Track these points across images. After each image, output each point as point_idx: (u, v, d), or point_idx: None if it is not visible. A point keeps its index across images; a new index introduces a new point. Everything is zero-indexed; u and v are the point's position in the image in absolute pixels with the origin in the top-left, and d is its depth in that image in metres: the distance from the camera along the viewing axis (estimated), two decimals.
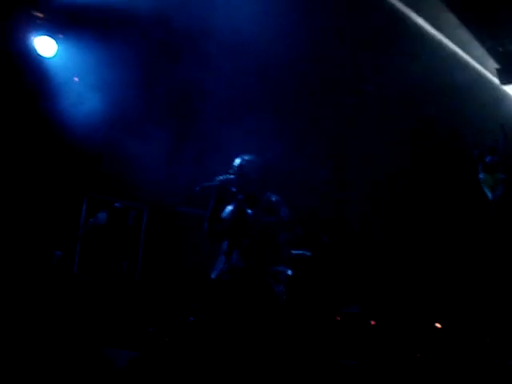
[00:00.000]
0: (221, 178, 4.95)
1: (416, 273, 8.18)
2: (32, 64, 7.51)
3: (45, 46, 7.46)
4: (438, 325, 7.70)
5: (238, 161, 5.03)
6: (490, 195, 7.89)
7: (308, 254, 7.27)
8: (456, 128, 7.89)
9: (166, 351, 6.31)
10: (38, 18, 7.37)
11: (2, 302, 6.69)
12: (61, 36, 7.56)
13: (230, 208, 5.08)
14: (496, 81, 8.25)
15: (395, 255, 8.31)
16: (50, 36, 7.45)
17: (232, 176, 4.94)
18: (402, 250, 8.31)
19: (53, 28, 7.45)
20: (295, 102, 8.45)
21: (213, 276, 5.08)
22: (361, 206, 8.45)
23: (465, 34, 7.75)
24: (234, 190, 4.98)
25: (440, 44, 7.84)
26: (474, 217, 8.01)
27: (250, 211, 4.96)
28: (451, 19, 7.48)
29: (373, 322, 7.59)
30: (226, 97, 7.89)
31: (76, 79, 7.82)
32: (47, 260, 7.25)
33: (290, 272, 5.04)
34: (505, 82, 8.20)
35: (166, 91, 8.11)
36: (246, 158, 5.06)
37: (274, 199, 4.96)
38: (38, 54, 7.48)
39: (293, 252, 6.71)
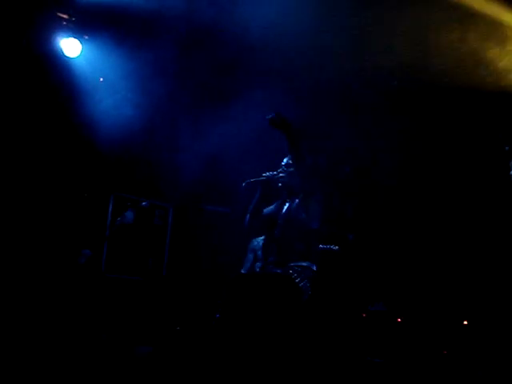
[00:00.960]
0: (267, 174, 5.06)
1: (443, 269, 8.13)
2: (58, 65, 7.59)
3: (70, 46, 7.52)
4: (464, 322, 7.67)
5: (285, 159, 5.16)
6: None
7: (335, 248, 7.27)
8: (486, 123, 7.78)
9: (192, 348, 6.38)
10: (63, 19, 7.44)
11: (33, 300, 6.80)
12: (86, 37, 7.62)
13: (272, 205, 5.19)
14: None
15: (422, 252, 8.26)
16: (74, 37, 7.51)
17: (280, 173, 5.05)
18: (429, 246, 8.25)
19: (78, 29, 7.52)
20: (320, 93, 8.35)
21: (243, 271, 5.15)
22: (387, 201, 8.38)
23: None
24: (279, 186, 5.10)
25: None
26: (503, 213, 7.91)
27: (285, 208, 5.06)
28: None
29: (399, 320, 7.58)
30: (258, 92, 7.80)
31: (101, 80, 7.89)
32: (76, 259, 7.34)
33: (314, 268, 5.05)
34: None
35: (192, 90, 8.13)
36: None
37: (308, 195, 5.05)
38: (64, 55, 7.56)
39: (319, 246, 6.73)
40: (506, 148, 7.82)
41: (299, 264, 4.96)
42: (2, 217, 7.09)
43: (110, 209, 8.18)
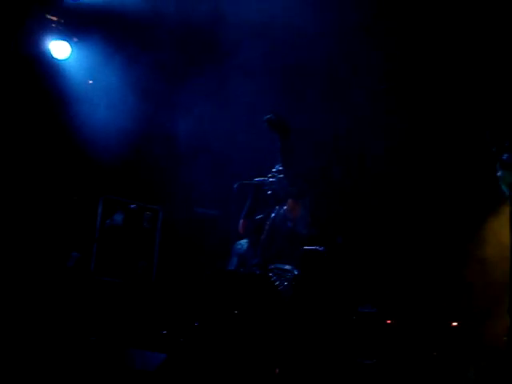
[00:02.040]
0: (259, 179, 5.11)
1: (432, 271, 8.13)
2: (47, 67, 7.60)
3: (59, 49, 7.53)
4: (453, 323, 7.66)
5: (276, 166, 5.21)
6: (507, 192, 7.75)
7: (320, 249, 7.28)
8: (474, 125, 7.80)
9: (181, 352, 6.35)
10: (52, 21, 7.44)
11: (21, 304, 6.78)
12: (75, 39, 7.63)
13: (262, 212, 5.24)
14: None
15: (411, 254, 8.26)
16: (64, 39, 7.52)
17: (270, 179, 5.09)
18: (418, 248, 8.26)
19: (67, 31, 7.53)
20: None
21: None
22: (376, 204, 8.39)
23: None
24: (269, 192, 5.14)
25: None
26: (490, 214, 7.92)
27: (273, 213, 5.10)
28: None
29: (388, 321, 7.57)
30: (248, 103, 7.79)
31: (90, 82, 7.88)
32: (65, 261, 7.33)
33: (296, 271, 5.09)
34: None
35: (182, 92, 8.12)
36: None
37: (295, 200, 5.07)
38: (53, 58, 7.56)
39: (305, 248, 6.73)
40: (493, 149, 7.79)
41: (280, 267, 5.01)
42: None
43: (100, 211, 8.16)
